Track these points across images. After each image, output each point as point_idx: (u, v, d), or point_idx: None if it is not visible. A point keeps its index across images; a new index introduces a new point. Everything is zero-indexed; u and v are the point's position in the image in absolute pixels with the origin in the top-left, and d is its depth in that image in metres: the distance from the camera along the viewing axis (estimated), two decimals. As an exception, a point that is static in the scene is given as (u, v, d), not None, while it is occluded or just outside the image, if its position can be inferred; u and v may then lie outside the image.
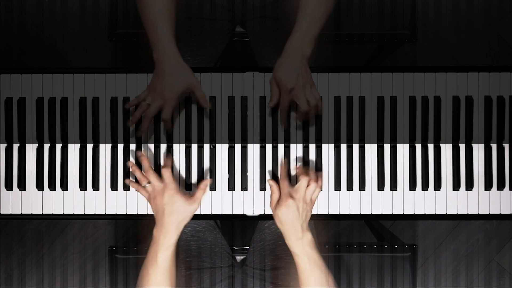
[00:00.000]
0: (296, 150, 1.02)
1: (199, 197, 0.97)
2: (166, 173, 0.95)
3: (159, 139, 1.02)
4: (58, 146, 1.03)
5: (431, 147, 1.02)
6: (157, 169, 1.02)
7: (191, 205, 0.94)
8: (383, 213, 1.02)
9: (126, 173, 1.02)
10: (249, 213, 1.03)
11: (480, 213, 1.02)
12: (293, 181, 1.02)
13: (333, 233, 1.80)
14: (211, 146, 1.02)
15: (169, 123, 0.99)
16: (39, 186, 1.03)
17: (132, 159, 1.02)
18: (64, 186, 1.03)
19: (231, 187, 1.02)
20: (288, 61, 0.93)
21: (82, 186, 1.02)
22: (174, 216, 0.92)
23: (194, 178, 1.02)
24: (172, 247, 0.91)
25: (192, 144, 1.02)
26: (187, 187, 1.02)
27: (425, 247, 1.80)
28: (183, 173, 1.02)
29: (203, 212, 1.03)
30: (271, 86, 0.97)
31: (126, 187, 1.02)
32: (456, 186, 1.01)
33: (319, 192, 0.98)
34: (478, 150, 1.02)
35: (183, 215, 0.93)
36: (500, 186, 1.01)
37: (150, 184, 0.96)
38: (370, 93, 1.02)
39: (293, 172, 1.02)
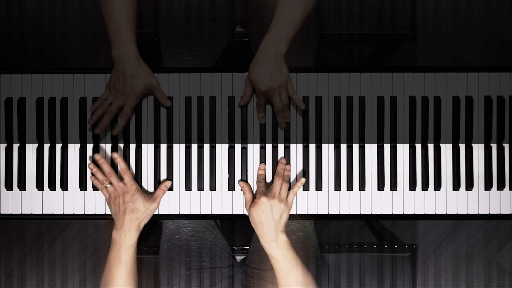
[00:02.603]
0: (296, 150, 1.02)
1: (158, 197, 1.00)
2: (125, 175, 0.98)
3: (159, 139, 1.02)
4: (58, 146, 1.03)
5: (431, 147, 1.02)
6: (158, 169, 1.02)
7: (151, 204, 0.97)
8: (383, 213, 1.02)
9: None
10: (249, 213, 1.03)
11: (480, 213, 1.02)
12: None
13: (333, 233, 1.80)
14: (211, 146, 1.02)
15: (125, 120, 1.00)
16: (39, 186, 1.03)
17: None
18: (64, 186, 1.03)
19: (231, 187, 1.02)
20: (261, 61, 0.94)
21: (82, 186, 1.02)
22: (135, 215, 0.95)
23: (194, 178, 1.02)
24: (134, 246, 0.94)
25: (192, 144, 1.02)
26: (187, 187, 1.02)
27: (425, 247, 1.80)
28: (182, 173, 1.02)
29: (203, 212, 1.03)
30: (245, 86, 0.99)
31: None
32: (456, 186, 1.01)
33: (293, 195, 0.99)
34: (478, 150, 1.02)
35: (144, 214, 0.96)
36: (500, 186, 1.01)
37: (111, 185, 0.98)
38: (370, 93, 1.02)
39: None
